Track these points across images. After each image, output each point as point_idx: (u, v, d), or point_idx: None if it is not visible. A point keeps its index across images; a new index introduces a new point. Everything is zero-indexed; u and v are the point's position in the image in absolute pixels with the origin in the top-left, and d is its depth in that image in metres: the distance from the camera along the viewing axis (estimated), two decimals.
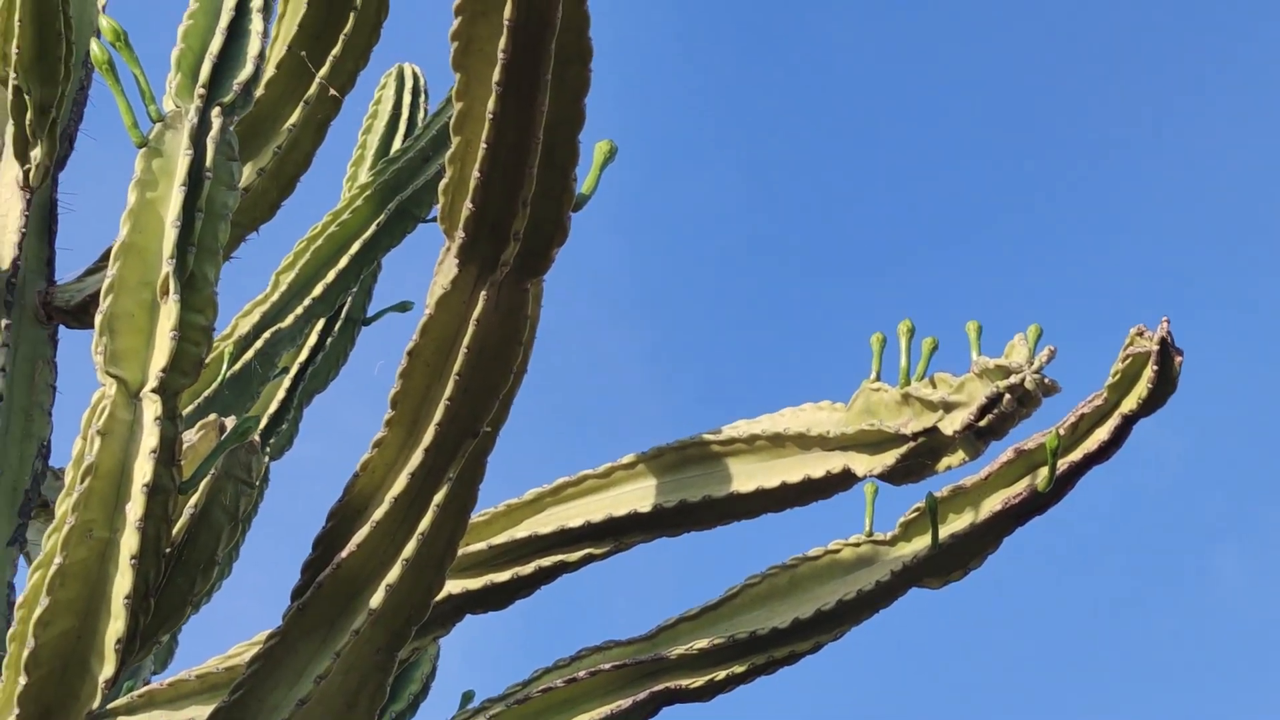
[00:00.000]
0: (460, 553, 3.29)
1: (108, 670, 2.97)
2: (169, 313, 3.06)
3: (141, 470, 2.99)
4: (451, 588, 3.51)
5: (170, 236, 3.10)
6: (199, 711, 3.41)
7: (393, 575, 3.11)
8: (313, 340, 4.73)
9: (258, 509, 4.56)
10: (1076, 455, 3.49)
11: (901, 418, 3.35)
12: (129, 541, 2.97)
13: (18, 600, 3.02)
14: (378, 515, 3.12)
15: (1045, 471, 3.47)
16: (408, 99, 4.94)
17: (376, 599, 3.10)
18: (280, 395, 4.68)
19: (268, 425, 4.63)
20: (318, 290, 4.20)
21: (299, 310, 4.20)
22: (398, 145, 4.79)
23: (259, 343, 4.18)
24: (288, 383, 4.70)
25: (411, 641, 3.23)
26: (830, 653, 3.62)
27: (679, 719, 3.75)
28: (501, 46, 2.85)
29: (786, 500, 3.50)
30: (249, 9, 3.39)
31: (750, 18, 11.96)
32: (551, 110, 2.91)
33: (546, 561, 3.55)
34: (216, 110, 3.24)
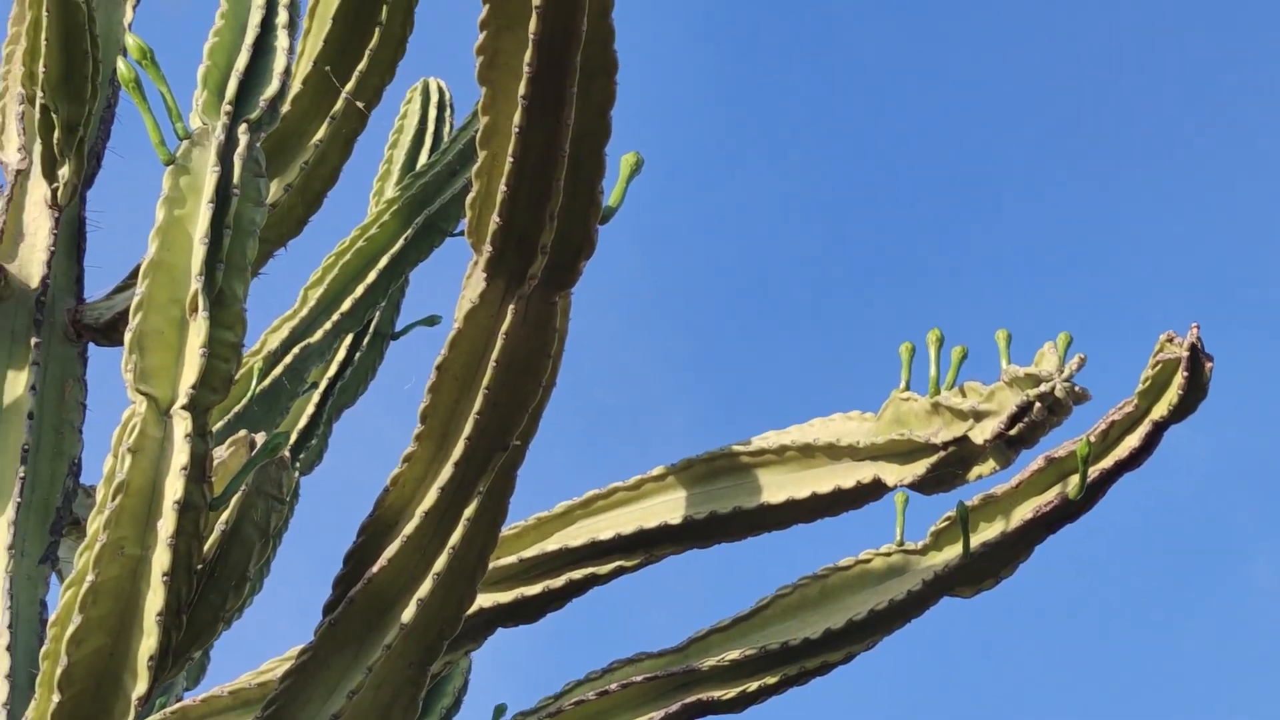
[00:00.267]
0: (491, 566, 3.28)
1: (141, 687, 2.97)
2: (198, 329, 3.07)
3: (172, 487, 2.99)
4: (483, 601, 3.51)
5: (199, 253, 3.11)
6: None
7: (424, 589, 3.11)
8: (341, 355, 4.73)
9: (288, 524, 4.56)
10: (1108, 462, 3.48)
11: (932, 427, 3.35)
12: (161, 558, 2.97)
13: (50, 618, 3.03)
14: (408, 530, 3.12)
15: (1076, 479, 3.46)
16: (433, 113, 4.94)
17: (408, 613, 3.10)
18: (310, 410, 4.68)
19: (297, 441, 4.63)
20: (346, 305, 4.20)
21: (327, 325, 4.21)
22: (424, 160, 4.79)
23: (288, 358, 4.19)
24: (317, 398, 4.70)
25: (443, 656, 3.23)
26: (862, 662, 3.62)
27: None
28: (527, 60, 2.85)
29: (817, 511, 3.50)
30: (275, 26, 3.40)
31: (776, 24, 11.95)
32: (577, 123, 2.91)
33: (577, 574, 3.55)
34: (243, 127, 3.24)
